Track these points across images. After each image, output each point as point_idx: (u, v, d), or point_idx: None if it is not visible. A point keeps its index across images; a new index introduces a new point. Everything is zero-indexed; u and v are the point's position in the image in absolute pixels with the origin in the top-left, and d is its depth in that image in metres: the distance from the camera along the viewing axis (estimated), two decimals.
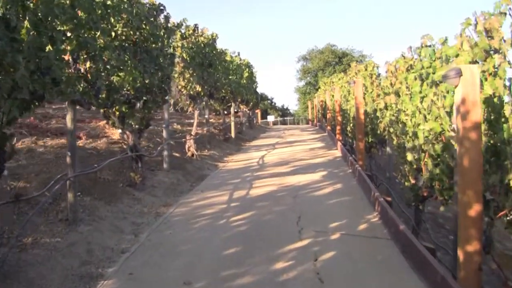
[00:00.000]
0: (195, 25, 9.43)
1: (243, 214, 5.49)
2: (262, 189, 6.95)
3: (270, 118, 38.15)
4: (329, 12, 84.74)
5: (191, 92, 9.31)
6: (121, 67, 5.40)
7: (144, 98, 6.32)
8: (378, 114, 8.41)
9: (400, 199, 8.19)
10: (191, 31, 9.19)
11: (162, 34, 6.81)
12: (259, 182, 7.53)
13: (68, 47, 4.42)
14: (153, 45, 6.52)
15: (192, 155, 9.30)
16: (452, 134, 4.23)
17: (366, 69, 9.38)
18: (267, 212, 5.58)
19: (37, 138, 7.68)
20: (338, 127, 13.50)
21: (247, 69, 18.73)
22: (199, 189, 7.10)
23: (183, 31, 9.04)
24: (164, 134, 7.72)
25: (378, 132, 8.57)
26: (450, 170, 4.75)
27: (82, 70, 4.70)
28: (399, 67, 6.32)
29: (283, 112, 50.37)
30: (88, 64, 4.66)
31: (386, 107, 7.28)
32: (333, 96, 17.78)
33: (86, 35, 4.54)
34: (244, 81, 17.84)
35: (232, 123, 14.73)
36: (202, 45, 9.91)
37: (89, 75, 4.58)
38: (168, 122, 7.71)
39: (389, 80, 6.84)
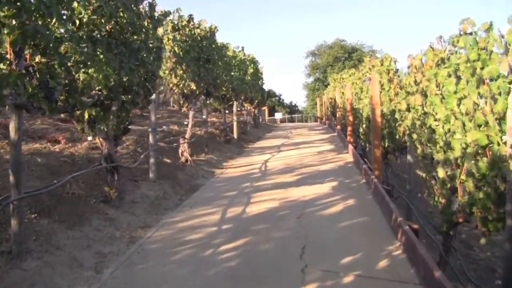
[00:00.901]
0: (190, 15, 8.40)
1: (235, 242, 4.50)
2: (261, 205, 5.95)
3: (278, 116, 37.17)
4: (338, 6, 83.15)
5: (185, 91, 8.30)
6: (88, 63, 4.42)
7: (122, 98, 5.36)
8: (397, 116, 7.35)
9: (423, 216, 7.14)
10: (184, 22, 8.17)
11: (146, 24, 5.82)
12: (258, 195, 6.53)
13: (11, 37, 3.48)
14: (135, 37, 5.54)
15: (186, 160, 8.32)
16: (508, 149, 3.19)
17: (382, 64, 8.30)
18: (265, 239, 4.58)
19: (8, 142, 6.78)
20: (349, 128, 12.44)
21: (252, 65, 17.67)
22: (188, 204, 6.12)
23: (175, 22, 8.02)
24: (151, 139, 6.73)
25: (397, 137, 7.52)
26: (499, 195, 3.70)
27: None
28: (427, 61, 5.26)
29: (291, 109, 49.23)
30: (37, 58, 3.69)
31: (408, 109, 6.22)
32: (343, 93, 16.68)
33: (36, 23, 3.58)
34: (249, 77, 16.80)
35: (235, 123, 13.72)
36: (199, 38, 8.89)
37: (37, 73, 3.61)
38: (154, 125, 6.72)
39: (412, 77, 5.78)
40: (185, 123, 10.01)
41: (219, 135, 12.61)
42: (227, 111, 13.51)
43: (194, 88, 8.35)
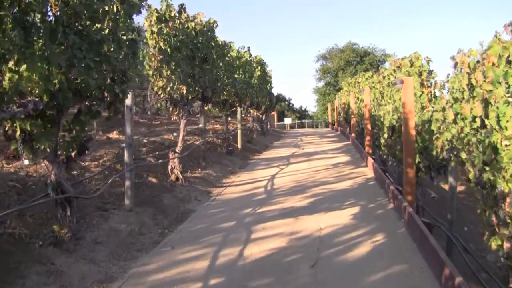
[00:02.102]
0: (181, 5, 7.08)
1: None
2: (264, 244, 4.58)
3: (287, 121, 35.89)
4: (350, 9, 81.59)
5: (174, 96, 6.97)
6: (15, 57, 3.12)
7: (75, 106, 4.06)
8: (433, 127, 5.94)
9: (465, 250, 5.73)
10: (174, 13, 6.86)
11: (114, 9, 4.52)
12: (261, 228, 5.15)
13: None
14: (98, 25, 4.24)
15: (177, 179, 6.99)
16: None
17: (412, 65, 6.89)
18: None
19: None
20: (367, 138, 11.01)
21: (259, 67, 16.33)
22: (170, 242, 4.75)
23: (163, 12, 6.70)
24: (126, 156, 5.38)
25: (434, 153, 6.11)
26: None
27: None
28: (488, 57, 3.85)
29: (301, 114, 47.74)
30: None
31: (455, 120, 4.81)
32: (358, 98, 15.24)
33: None
34: (255, 81, 15.46)
35: (239, 131, 12.36)
36: (194, 33, 7.58)
37: None
38: (130, 139, 5.38)
39: (464, 79, 4.37)
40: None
41: (220, 145, 11.25)
42: (230, 118, 12.16)
43: (185, 92, 7.02)
